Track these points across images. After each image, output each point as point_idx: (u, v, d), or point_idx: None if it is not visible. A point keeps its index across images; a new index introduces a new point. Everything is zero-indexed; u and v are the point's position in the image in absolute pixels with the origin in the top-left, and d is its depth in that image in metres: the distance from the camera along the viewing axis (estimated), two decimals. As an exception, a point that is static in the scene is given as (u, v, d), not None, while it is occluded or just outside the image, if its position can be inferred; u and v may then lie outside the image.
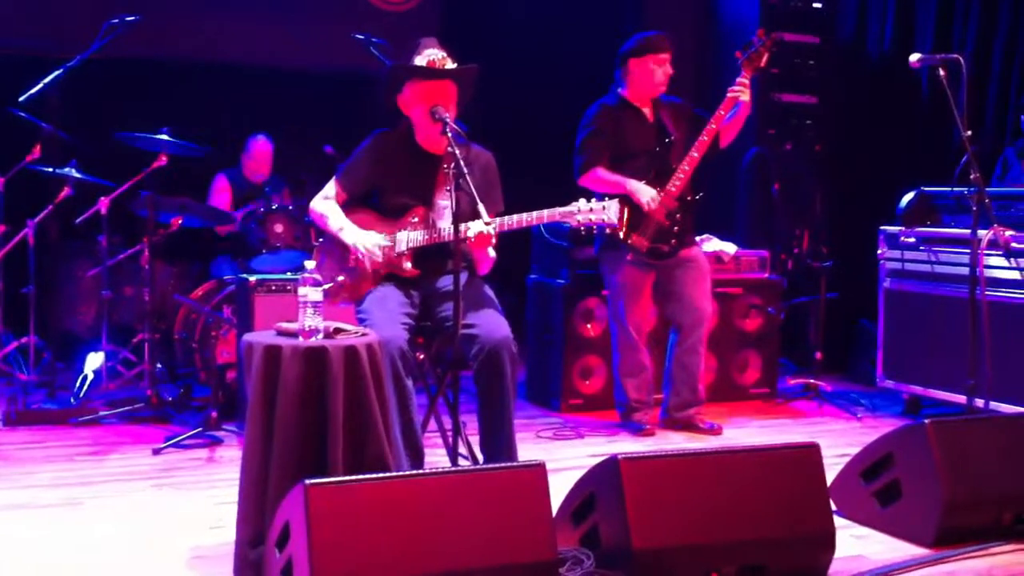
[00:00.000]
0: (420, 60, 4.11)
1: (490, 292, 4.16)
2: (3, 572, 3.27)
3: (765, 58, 5.09)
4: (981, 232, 4.71)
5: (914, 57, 4.77)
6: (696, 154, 5.04)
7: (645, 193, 5.06)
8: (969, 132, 4.53)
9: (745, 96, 5.06)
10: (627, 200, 4.96)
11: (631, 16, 7.62)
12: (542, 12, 7.53)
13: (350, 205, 4.24)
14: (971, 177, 4.58)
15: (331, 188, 4.26)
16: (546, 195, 4.10)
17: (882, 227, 5.84)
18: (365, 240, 4.12)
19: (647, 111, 5.26)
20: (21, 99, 5.42)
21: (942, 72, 4.63)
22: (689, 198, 5.17)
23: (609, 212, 3.88)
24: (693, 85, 7.25)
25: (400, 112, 4.22)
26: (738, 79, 5.06)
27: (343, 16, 6.92)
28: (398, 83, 4.16)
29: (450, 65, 4.11)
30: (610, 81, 5.33)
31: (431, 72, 4.07)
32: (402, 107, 4.20)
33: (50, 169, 5.57)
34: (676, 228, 5.13)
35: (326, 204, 4.24)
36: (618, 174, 5.12)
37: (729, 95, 5.06)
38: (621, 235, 5.04)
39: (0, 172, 5.74)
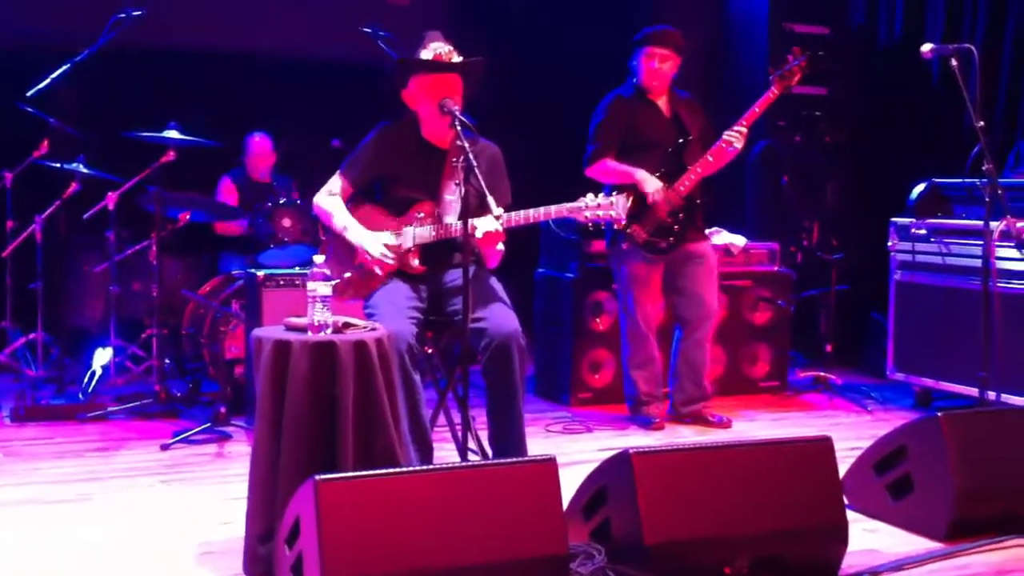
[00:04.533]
0: (426, 54, 4.08)
1: (498, 285, 4.12)
2: (11, 567, 3.27)
3: (797, 78, 5.06)
4: (993, 223, 4.68)
5: (926, 47, 4.73)
6: (711, 158, 5.00)
7: (651, 184, 5.03)
8: (982, 122, 4.50)
9: (738, 144, 5.01)
10: (633, 190, 4.94)
11: (641, 8, 7.58)
12: (549, 3, 7.48)
13: (355, 199, 4.20)
14: (984, 167, 4.55)
15: (335, 183, 4.21)
16: (552, 189, 4.06)
17: (893, 219, 5.81)
18: (373, 244, 4.06)
19: (663, 104, 5.23)
20: (28, 94, 5.42)
21: (954, 62, 4.60)
22: (698, 200, 5.14)
23: (617, 207, 3.84)
24: (703, 77, 7.21)
25: (405, 106, 4.19)
26: (735, 126, 5.00)
27: (350, 8, 6.89)
28: (403, 77, 4.13)
29: (456, 58, 4.08)
30: (621, 73, 5.30)
31: (439, 66, 4.04)
32: (407, 101, 4.16)
33: (58, 164, 5.57)
34: (676, 227, 5.10)
35: (330, 200, 4.19)
36: (628, 164, 5.10)
37: (724, 137, 5.00)
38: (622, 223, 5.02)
39: (8, 167, 5.75)
